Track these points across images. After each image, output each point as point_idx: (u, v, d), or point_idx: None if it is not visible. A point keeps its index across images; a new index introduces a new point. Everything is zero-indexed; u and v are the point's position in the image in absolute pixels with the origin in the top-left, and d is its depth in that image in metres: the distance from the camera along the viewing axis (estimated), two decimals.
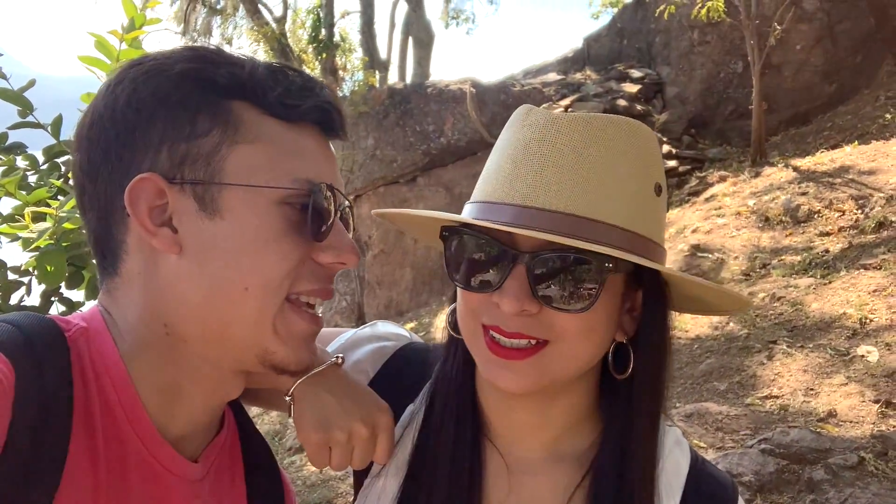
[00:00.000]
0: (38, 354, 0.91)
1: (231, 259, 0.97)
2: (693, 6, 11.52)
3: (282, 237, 0.99)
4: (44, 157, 2.26)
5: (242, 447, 1.22)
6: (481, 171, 1.10)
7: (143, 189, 0.96)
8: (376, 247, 15.12)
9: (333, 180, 1.06)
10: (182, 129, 0.97)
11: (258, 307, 0.99)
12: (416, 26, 22.83)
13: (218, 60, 1.01)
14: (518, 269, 0.99)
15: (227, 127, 0.98)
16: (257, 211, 0.97)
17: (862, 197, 7.92)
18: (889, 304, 5.54)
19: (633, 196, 1.01)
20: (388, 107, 14.80)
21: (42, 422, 0.88)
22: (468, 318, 1.07)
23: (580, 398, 1.15)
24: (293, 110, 1.02)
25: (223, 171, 0.97)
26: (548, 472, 1.16)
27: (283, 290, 1.00)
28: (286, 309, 1.02)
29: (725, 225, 8.79)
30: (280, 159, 1.00)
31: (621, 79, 14.40)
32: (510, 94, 14.17)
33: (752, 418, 4.49)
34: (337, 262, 1.06)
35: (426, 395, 1.22)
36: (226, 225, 0.97)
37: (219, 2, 22.19)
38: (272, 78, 1.02)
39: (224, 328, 0.99)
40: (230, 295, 0.97)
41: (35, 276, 2.08)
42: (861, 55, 12.57)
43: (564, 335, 1.00)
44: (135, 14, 2.15)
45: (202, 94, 0.98)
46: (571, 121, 1.00)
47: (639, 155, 1.02)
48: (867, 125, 10.64)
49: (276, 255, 0.98)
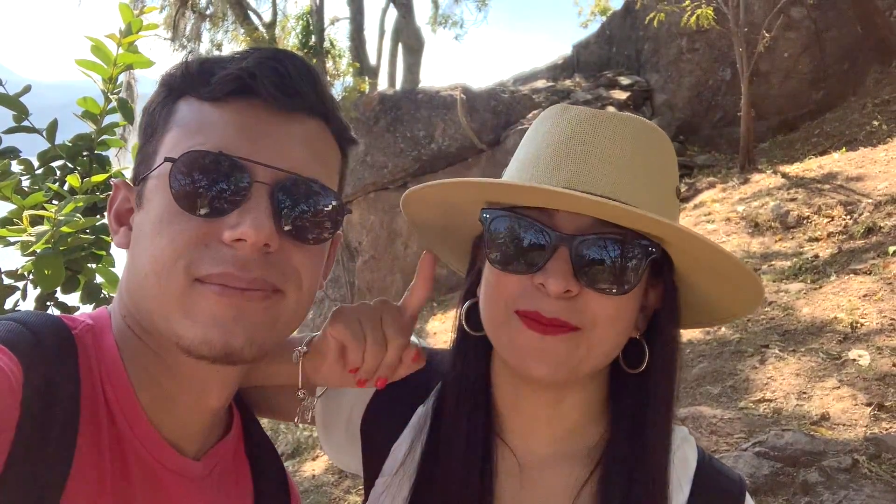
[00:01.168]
0: (47, 352, 0.92)
1: (139, 246, 0.99)
2: (682, 14, 11.60)
3: (174, 216, 0.95)
4: (38, 161, 2.25)
5: (249, 449, 1.22)
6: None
7: (114, 196, 1.07)
8: (366, 252, 15.08)
9: (250, 151, 0.96)
10: (146, 135, 1.04)
11: (158, 291, 0.96)
12: (406, 33, 22.86)
13: (180, 64, 1.04)
14: (562, 250, 1.01)
15: (167, 122, 1.01)
16: (159, 194, 0.98)
17: (850, 203, 7.99)
18: (879, 308, 5.58)
19: (664, 193, 1.07)
20: (378, 113, 14.79)
21: (50, 418, 0.88)
22: (500, 305, 1.08)
23: (592, 394, 1.17)
24: (209, 86, 0.99)
25: (152, 164, 1.01)
26: (559, 467, 1.17)
27: (177, 272, 0.94)
28: (195, 290, 0.95)
29: (715, 231, 8.84)
30: (182, 139, 0.98)
31: (610, 86, 14.47)
32: (500, 100, 14.21)
33: (745, 422, 4.51)
34: (233, 240, 0.94)
35: (436, 395, 1.23)
36: (143, 213, 1.01)
37: (208, 7, 22.14)
38: (215, 64, 1.02)
39: (145, 316, 1.00)
40: (139, 281, 0.99)
41: (31, 281, 2.07)
42: (848, 63, 12.69)
43: (596, 322, 1.03)
44: (131, 19, 2.15)
45: (162, 99, 1.04)
46: (610, 117, 1.05)
47: (666, 158, 1.09)
48: (855, 132, 10.74)
49: (166, 238, 0.95)
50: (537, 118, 1.14)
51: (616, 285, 1.02)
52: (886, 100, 11.33)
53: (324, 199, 1.03)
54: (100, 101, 2.23)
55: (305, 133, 1.02)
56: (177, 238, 0.94)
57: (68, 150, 2.22)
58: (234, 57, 1.02)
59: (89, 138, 2.24)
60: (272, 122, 0.99)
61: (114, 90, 2.23)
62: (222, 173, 0.94)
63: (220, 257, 0.94)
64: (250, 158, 0.95)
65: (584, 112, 1.07)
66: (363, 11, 22.04)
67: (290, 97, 0.99)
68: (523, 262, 1.04)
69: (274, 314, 0.99)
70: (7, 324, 0.93)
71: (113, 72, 2.19)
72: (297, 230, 1.00)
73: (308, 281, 1.03)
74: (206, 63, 1.02)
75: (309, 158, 1.01)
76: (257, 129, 0.98)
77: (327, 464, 6.44)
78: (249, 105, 0.98)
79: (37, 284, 1.97)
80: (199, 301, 0.94)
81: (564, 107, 1.10)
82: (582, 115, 1.06)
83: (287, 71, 0.99)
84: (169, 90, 1.04)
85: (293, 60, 1.01)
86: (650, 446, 1.10)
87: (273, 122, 0.99)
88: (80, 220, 1.90)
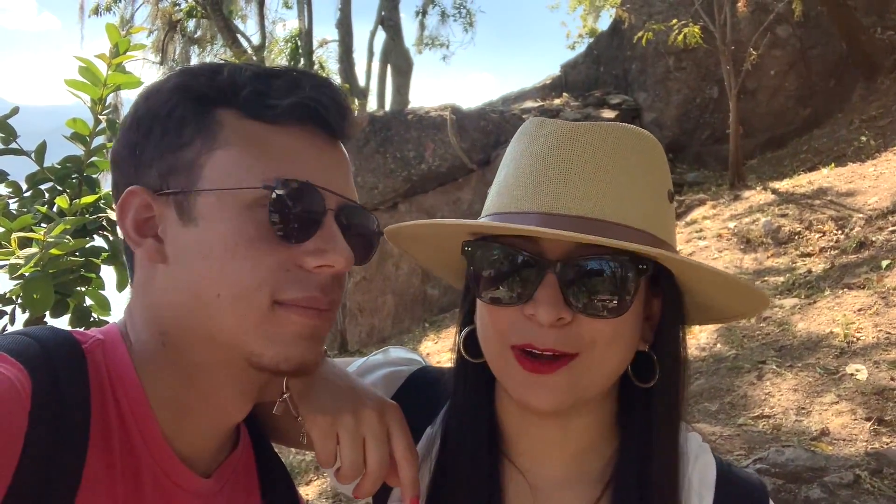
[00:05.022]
0: (56, 366, 0.92)
1: (203, 266, 0.96)
2: (669, 33, 11.71)
3: (255, 242, 0.95)
4: (27, 184, 2.23)
5: (258, 465, 1.20)
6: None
7: (130, 202, 1.00)
8: (358, 274, 15.03)
9: (323, 180, 0.99)
10: (171, 142, 0.99)
11: (235, 314, 0.96)
12: (394, 54, 23.01)
13: (202, 71, 1.03)
14: (549, 277, 0.97)
15: (207, 134, 0.98)
16: (227, 216, 0.96)
17: (841, 218, 8.02)
18: (875, 322, 5.57)
19: (651, 201, 1.02)
20: (368, 134, 14.81)
21: (60, 432, 0.88)
22: (495, 340, 1.04)
23: (602, 412, 1.14)
24: (272, 110, 0.99)
25: (201, 178, 0.98)
26: (572, 489, 1.13)
27: (261, 297, 0.95)
28: (276, 314, 0.97)
29: (707, 247, 8.85)
30: (253, 162, 0.97)
31: (599, 105, 14.56)
32: (490, 120, 14.26)
33: (745, 438, 4.47)
34: (320, 266, 0.97)
35: (443, 417, 1.19)
36: (199, 231, 0.97)
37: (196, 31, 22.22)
38: (255, 80, 1.01)
39: (207, 334, 0.98)
40: (206, 302, 0.96)
41: (19, 305, 2.03)
42: (834, 80, 12.84)
43: (595, 344, 0.99)
44: (119, 40, 2.12)
45: (187, 106, 1.00)
46: (588, 129, 1.01)
47: (652, 162, 1.04)
48: (843, 148, 10.83)
49: (249, 262, 0.95)
50: (515, 134, 1.10)
51: (609, 308, 0.98)
52: (873, 115, 11.46)
53: (371, 223, 1.10)
54: (89, 123, 2.20)
55: (346, 159, 1.09)
56: (262, 263, 0.95)
57: (57, 172, 2.19)
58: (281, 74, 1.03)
59: (79, 160, 2.22)
60: (332, 151, 1.05)
61: (103, 111, 2.20)
62: (306, 201, 0.97)
63: (305, 283, 0.98)
64: (326, 188, 1.00)
65: (562, 127, 1.02)
66: (352, 34, 22.17)
67: (347, 127, 1.05)
68: (511, 294, 1.00)
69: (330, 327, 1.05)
70: (16, 337, 0.94)
71: (103, 92, 2.17)
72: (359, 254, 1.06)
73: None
74: (252, 78, 1.01)
75: (352, 183, 1.08)
76: (325, 158, 1.03)
77: (320, 488, 6.35)
78: (309, 132, 1.02)
79: (25, 308, 1.94)
80: (280, 323, 0.97)
81: (541, 121, 1.05)
82: (559, 131, 1.01)
83: (342, 101, 1.04)
84: (197, 98, 1.00)
85: (336, 88, 1.05)
86: (658, 461, 1.07)
87: (333, 151, 1.05)
88: (69, 241, 1.86)
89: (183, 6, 21.23)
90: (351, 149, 1.14)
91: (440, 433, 1.18)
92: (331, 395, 1.10)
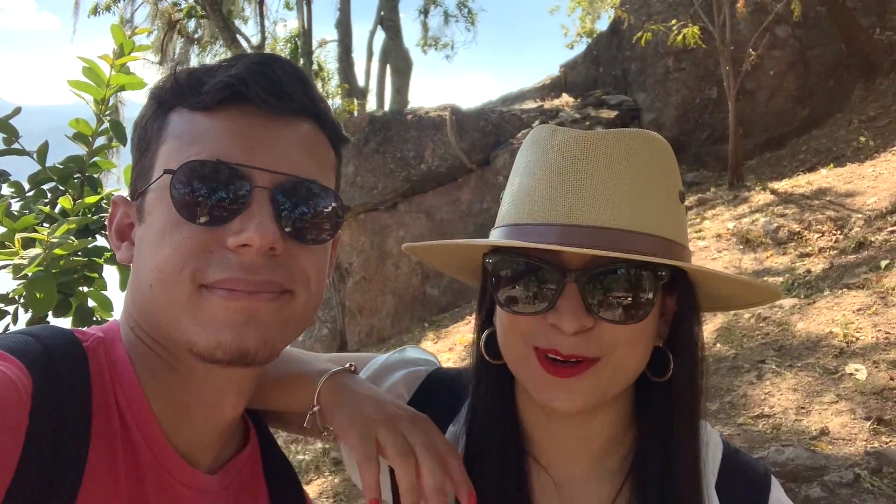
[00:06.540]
0: (57, 364, 0.92)
1: (145, 259, 1.00)
2: (668, 33, 11.72)
3: (176, 226, 0.96)
4: (29, 184, 2.23)
5: (266, 464, 1.21)
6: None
7: (114, 212, 1.08)
8: (357, 274, 15.03)
9: (245, 157, 0.96)
10: (140, 149, 1.04)
11: (166, 301, 0.97)
12: (394, 55, 22.99)
13: (168, 78, 1.05)
14: (570, 287, 1.00)
15: (159, 136, 1.02)
16: (160, 206, 0.99)
17: (840, 218, 8.03)
18: (874, 322, 5.58)
19: (665, 205, 1.05)
20: (367, 134, 14.81)
21: (61, 430, 0.88)
22: (518, 342, 1.07)
23: (621, 408, 1.17)
24: (204, 97, 0.99)
25: (151, 177, 1.01)
26: (594, 482, 1.16)
27: (182, 280, 0.95)
28: (202, 297, 0.95)
29: (707, 248, 8.85)
30: (176, 151, 0.99)
31: (598, 105, 14.58)
32: (489, 120, 14.28)
33: (745, 438, 4.48)
34: (238, 246, 0.94)
35: (465, 419, 1.21)
36: (145, 227, 1.01)
37: (196, 31, 22.19)
38: (200, 73, 1.03)
39: (154, 327, 1.01)
40: (147, 294, 0.99)
41: (22, 304, 2.03)
42: (833, 80, 12.85)
43: (616, 347, 1.02)
44: (124, 41, 2.13)
45: (152, 114, 1.04)
46: (600, 138, 1.03)
47: (664, 165, 1.07)
48: (842, 148, 10.84)
49: (169, 247, 0.96)
50: (525, 141, 1.12)
51: (630, 315, 1.01)
52: (872, 116, 11.47)
53: (324, 200, 1.04)
54: (91, 123, 2.20)
55: (299, 135, 1.03)
56: (180, 247, 0.95)
57: (60, 173, 2.19)
58: (222, 65, 1.03)
59: (81, 160, 2.22)
60: (266, 127, 1.00)
61: (105, 112, 2.21)
62: (222, 181, 0.95)
63: (226, 263, 0.95)
64: (248, 164, 0.96)
65: (574, 136, 1.04)
66: (351, 34, 22.15)
67: (282, 101, 1.00)
68: (533, 303, 1.03)
69: (285, 314, 1.00)
70: (17, 336, 0.94)
71: (106, 93, 2.17)
72: (301, 231, 1.01)
73: (315, 280, 1.04)
74: (194, 73, 1.03)
75: (305, 160, 1.02)
76: (252, 134, 0.99)
77: (321, 488, 6.36)
78: (242, 112, 0.99)
79: (28, 308, 1.94)
80: (207, 307, 0.95)
81: (553, 129, 1.08)
82: (572, 140, 1.03)
83: (276, 75, 1.00)
84: (159, 103, 1.04)
85: (281, 64, 1.03)
86: (680, 452, 1.10)
87: (267, 127, 1.00)
88: (73, 242, 1.87)
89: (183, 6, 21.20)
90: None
91: (464, 432, 1.20)
92: (362, 405, 1.10)
